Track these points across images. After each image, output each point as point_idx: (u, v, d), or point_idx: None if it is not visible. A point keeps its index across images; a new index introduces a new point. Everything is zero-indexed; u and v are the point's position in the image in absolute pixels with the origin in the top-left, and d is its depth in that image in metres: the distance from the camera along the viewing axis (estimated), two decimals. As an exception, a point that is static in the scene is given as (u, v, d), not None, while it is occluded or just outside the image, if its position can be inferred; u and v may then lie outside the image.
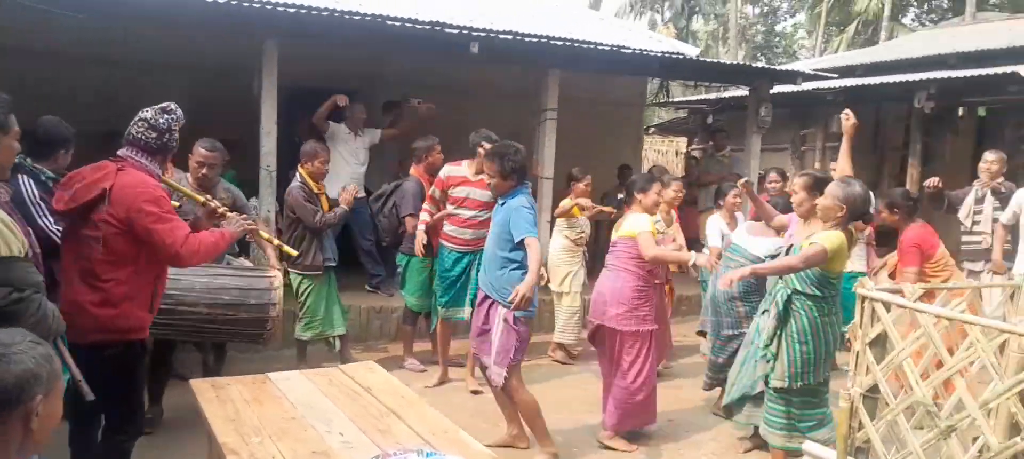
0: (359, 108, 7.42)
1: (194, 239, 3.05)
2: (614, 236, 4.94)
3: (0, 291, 2.29)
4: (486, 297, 4.36)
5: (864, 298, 3.32)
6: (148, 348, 3.14)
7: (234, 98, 7.21)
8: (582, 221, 6.80)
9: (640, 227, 4.67)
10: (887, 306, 3.25)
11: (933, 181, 6.50)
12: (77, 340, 2.80)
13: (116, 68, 7.53)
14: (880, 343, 3.34)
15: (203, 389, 2.94)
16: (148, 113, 3.15)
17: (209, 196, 3.53)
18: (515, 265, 4.23)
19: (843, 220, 4.19)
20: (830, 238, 4.11)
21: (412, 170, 6.29)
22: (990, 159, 6.52)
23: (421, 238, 5.70)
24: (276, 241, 4.27)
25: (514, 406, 4.42)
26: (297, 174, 5.78)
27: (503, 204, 4.36)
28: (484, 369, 4.37)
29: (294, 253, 4.50)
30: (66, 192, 2.99)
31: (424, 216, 5.76)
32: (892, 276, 5.92)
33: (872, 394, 3.35)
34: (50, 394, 1.64)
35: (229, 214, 3.43)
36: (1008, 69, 8.47)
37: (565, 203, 6.70)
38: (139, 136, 3.07)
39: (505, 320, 4.15)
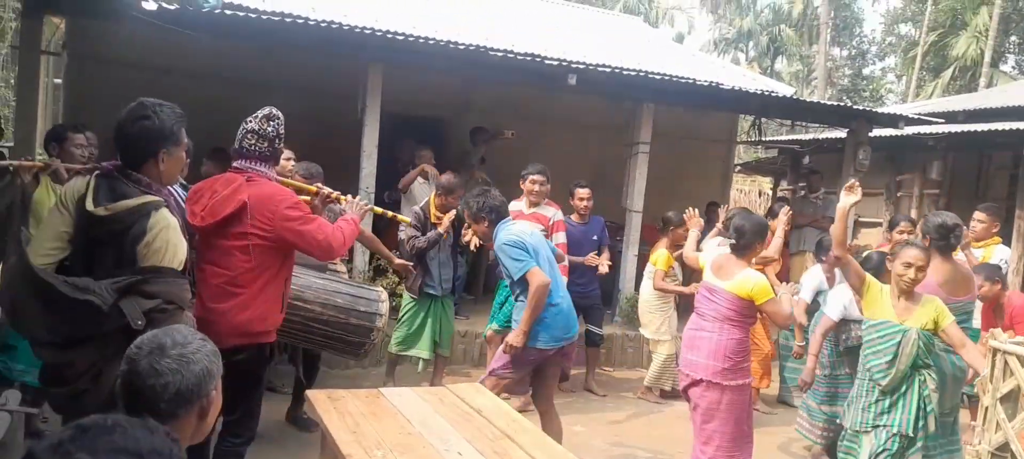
0: (427, 154, 7.51)
1: (337, 230, 3.21)
2: (713, 280, 4.41)
3: (152, 302, 2.37)
4: None
5: (996, 351, 3.17)
6: (275, 355, 3.22)
7: (337, 120, 7.42)
8: (677, 270, 6.59)
9: (762, 296, 4.20)
10: (1022, 360, 3.10)
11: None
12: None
13: (225, 85, 7.87)
14: (1012, 399, 3.18)
15: (320, 400, 2.99)
16: (253, 123, 3.23)
17: (318, 183, 3.66)
18: (520, 295, 4.19)
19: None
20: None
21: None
22: None
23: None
24: (390, 213, 4.41)
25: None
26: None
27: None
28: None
29: (406, 220, 4.83)
30: (197, 206, 3.09)
31: None
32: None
33: (1001, 453, 3.19)
34: (218, 388, 1.72)
35: (342, 198, 3.57)
36: None
37: (661, 257, 6.44)
38: (253, 148, 3.17)
39: (506, 341, 4.18)
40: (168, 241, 2.45)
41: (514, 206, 5.72)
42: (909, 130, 10.03)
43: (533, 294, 4.01)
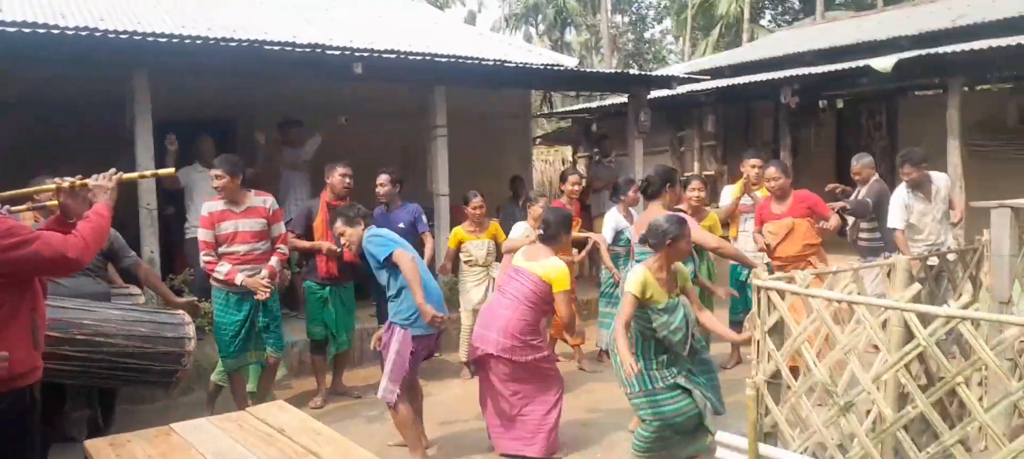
0: (206, 142, 7.04)
1: (73, 236, 2.77)
2: (517, 261, 4.78)
3: None
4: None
5: (760, 288, 3.49)
6: (37, 400, 2.82)
7: (109, 135, 6.80)
8: (475, 245, 6.68)
9: (560, 283, 4.58)
10: (781, 294, 3.43)
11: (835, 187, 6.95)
12: None
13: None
14: (778, 330, 3.51)
15: (100, 449, 2.72)
16: None
17: (56, 181, 3.14)
18: (392, 286, 4.52)
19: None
20: None
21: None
22: (855, 168, 6.85)
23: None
24: (149, 172, 4.14)
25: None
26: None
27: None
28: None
29: (172, 171, 4.21)
30: None
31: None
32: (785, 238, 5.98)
33: (775, 380, 3.53)
34: None
35: (91, 182, 3.08)
36: (860, 62, 9.13)
37: (454, 234, 6.66)
38: None
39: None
40: None
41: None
42: (683, 89, 10.84)
43: (409, 270, 4.35)
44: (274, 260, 5.27)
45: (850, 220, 6.77)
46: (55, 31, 5.89)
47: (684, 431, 4.35)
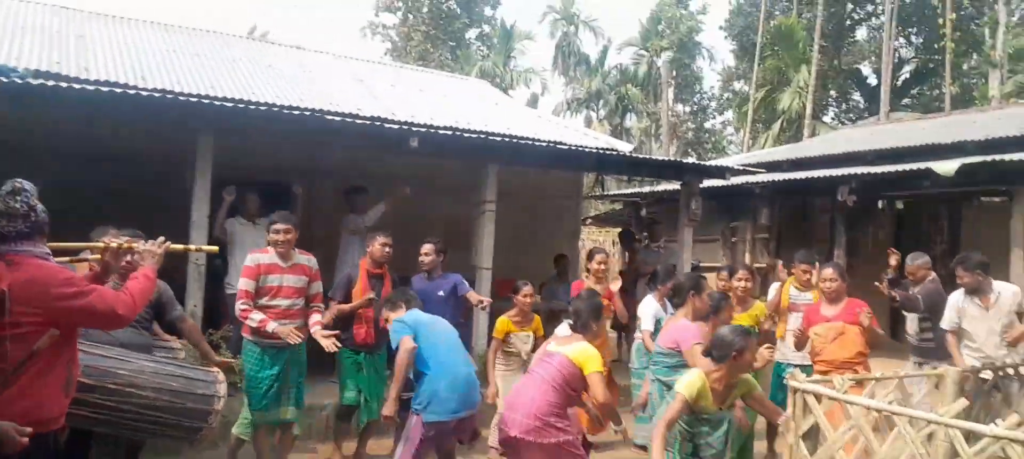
0: (252, 198, 7.19)
1: (124, 293, 2.92)
2: (550, 346, 4.65)
3: None
4: None
5: (796, 390, 3.38)
6: (61, 444, 2.90)
7: (166, 193, 7.07)
8: (519, 337, 6.57)
9: (593, 365, 4.36)
10: (818, 398, 3.31)
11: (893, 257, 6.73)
12: None
13: (42, 158, 7.33)
14: (813, 435, 3.38)
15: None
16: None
17: (106, 239, 3.32)
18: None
19: None
20: None
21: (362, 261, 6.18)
22: (909, 268, 6.62)
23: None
24: (193, 247, 4.13)
25: None
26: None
27: None
28: None
29: (214, 249, 4.44)
30: None
31: None
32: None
33: (809, 487, 3.38)
34: None
35: (136, 246, 3.26)
36: (921, 165, 8.96)
37: (500, 323, 6.27)
38: (7, 229, 2.88)
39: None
40: None
41: None
42: (738, 180, 10.78)
43: (398, 358, 4.43)
44: (316, 317, 5.34)
45: (906, 316, 6.56)
46: (131, 92, 6.22)
47: None
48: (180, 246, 3.72)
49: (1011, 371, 4.49)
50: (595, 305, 4.75)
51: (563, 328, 6.00)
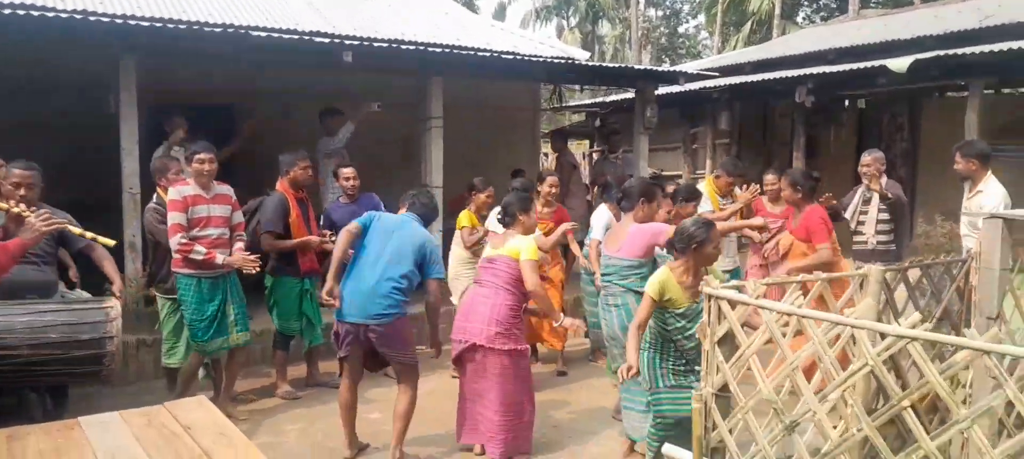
0: (177, 122, 6.90)
1: None
2: (491, 251, 4.75)
3: None
4: None
5: (710, 296, 3.30)
6: None
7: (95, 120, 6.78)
8: (481, 232, 6.56)
9: (526, 253, 4.52)
10: (732, 304, 3.24)
11: (826, 198, 6.50)
12: None
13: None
14: (729, 341, 3.32)
15: (-4, 441, 2.65)
16: None
17: (12, 203, 3.21)
18: None
19: None
20: None
21: (278, 184, 6.01)
22: (866, 162, 6.43)
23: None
24: (89, 234, 3.96)
25: None
26: (155, 194, 5.50)
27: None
28: None
29: (111, 242, 4.18)
30: None
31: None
32: (785, 256, 5.86)
33: (723, 393, 3.33)
34: None
35: (28, 217, 3.14)
36: (877, 62, 8.80)
37: (463, 216, 6.46)
38: None
39: None
40: None
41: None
42: (697, 85, 10.58)
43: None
44: (240, 245, 5.30)
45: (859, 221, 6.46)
46: (50, 14, 5.85)
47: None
48: (76, 230, 3.72)
49: (942, 267, 4.44)
50: (519, 195, 4.89)
51: (492, 222, 6.01)
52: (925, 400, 3.64)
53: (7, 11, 5.73)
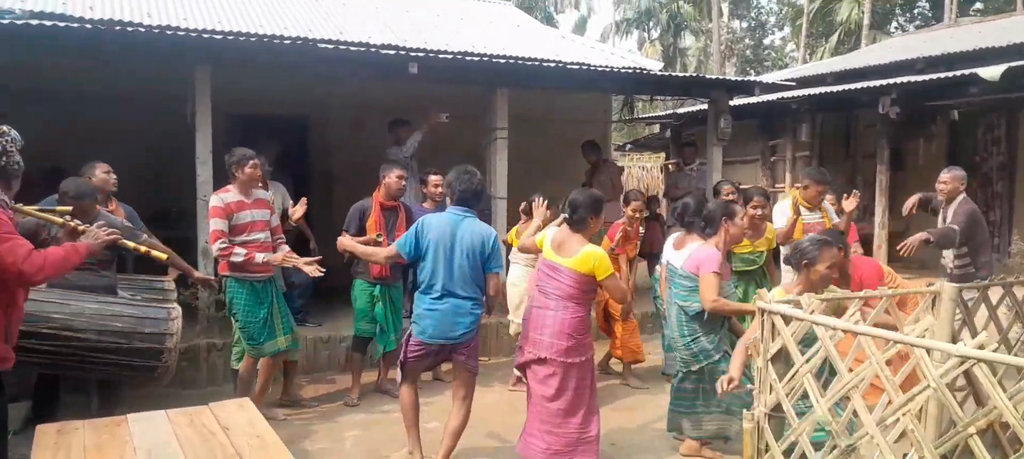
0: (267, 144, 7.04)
1: (38, 255, 2.90)
2: (549, 255, 4.42)
3: None
4: None
5: (763, 311, 3.14)
6: (3, 385, 2.92)
7: (169, 128, 7.07)
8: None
9: (602, 272, 4.23)
10: (786, 320, 3.07)
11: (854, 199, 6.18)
12: None
13: (48, 101, 7.41)
14: (783, 358, 3.15)
15: (44, 435, 2.75)
16: None
17: (67, 216, 3.37)
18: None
19: None
20: None
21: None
22: (944, 179, 6.04)
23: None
24: (143, 247, 4.07)
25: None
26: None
27: None
28: None
29: (163, 257, 4.27)
30: None
31: None
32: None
33: (777, 413, 3.16)
34: None
35: (89, 229, 3.28)
36: (967, 71, 8.31)
37: (513, 230, 6.39)
38: None
39: None
40: None
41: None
42: (774, 96, 10.24)
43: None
44: (285, 248, 5.38)
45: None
46: (142, 29, 6.15)
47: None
48: (130, 243, 3.81)
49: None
50: (593, 196, 4.46)
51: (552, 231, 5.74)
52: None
53: (102, 27, 6.04)
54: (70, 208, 3.57)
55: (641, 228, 6.64)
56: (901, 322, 3.53)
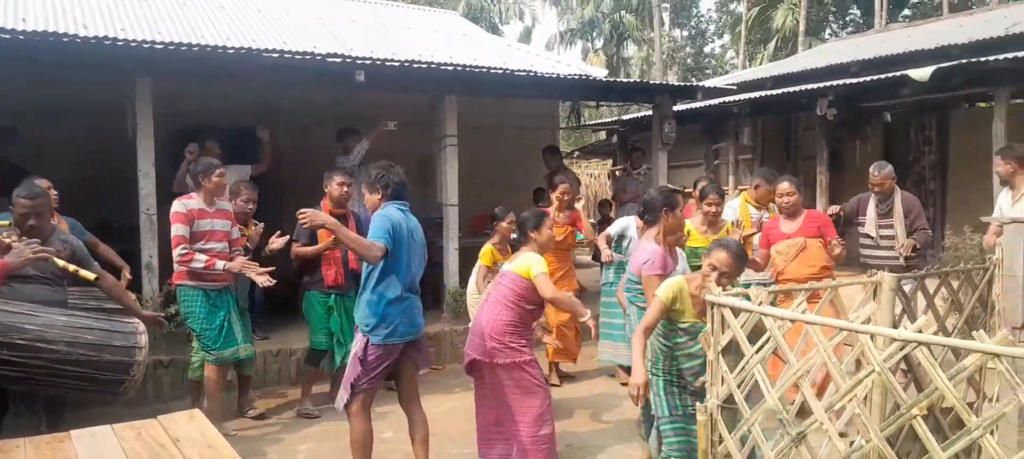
0: (212, 146, 7.00)
1: None
2: (504, 267, 4.68)
3: None
4: None
5: (712, 304, 3.20)
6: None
7: (111, 140, 6.90)
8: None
9: (537, 267, 4.41)
10: (735, 312, 3.13)
11: (834, 209, 6.38)
12: None
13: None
14: (734, 351, 3.21)
15: (-15, 455, 2.64)
16: None
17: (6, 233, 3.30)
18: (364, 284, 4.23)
19: None
20: None
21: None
22: (877, 178, 6.27)
23: None
24: (71, 267, 3.94)
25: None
26: None
27: None
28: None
29: (91, 277, 4.09)
30: None
31: None
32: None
33: (729, 405, 3.22)
34: None
35: (14, 244, 3.21)
36: (898, 73, 8.62)
37: (485, 252, 6.28)
38: None
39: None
40: None
41: None
42: (717, 101, 10.46)
43: (369, 251, 3.99)
44: (242, 259, 5.30)
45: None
46: (78, 39, 5.98)
47: None
48: (59, 263, 3.80)
49: (962, 275, 4.29)
50: (536, 214, 4.76)
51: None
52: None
53: (36, 38, 5.86)
54: (8, 223, 3.47)
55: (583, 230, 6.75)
56: (844, 311, 3.64)
